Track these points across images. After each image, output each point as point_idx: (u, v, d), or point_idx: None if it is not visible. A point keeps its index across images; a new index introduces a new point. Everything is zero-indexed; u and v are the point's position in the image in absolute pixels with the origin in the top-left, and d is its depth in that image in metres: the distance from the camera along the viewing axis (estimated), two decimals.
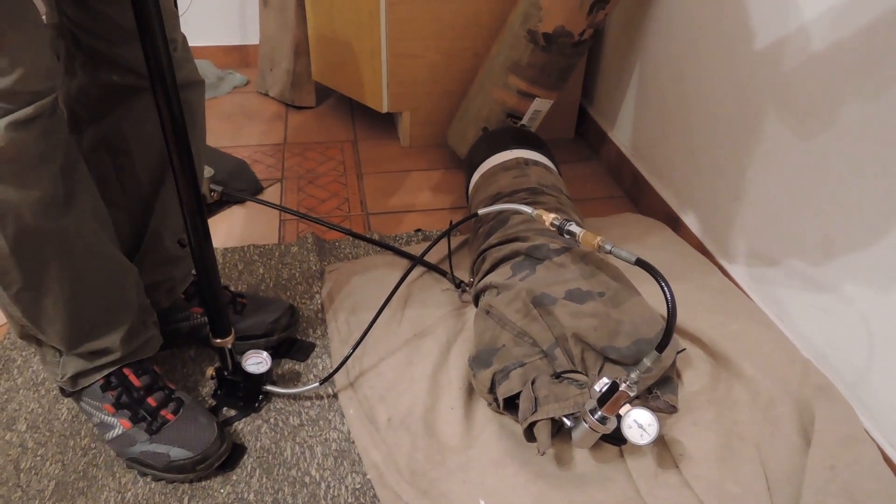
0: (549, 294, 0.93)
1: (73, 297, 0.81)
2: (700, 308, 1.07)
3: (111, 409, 0.88)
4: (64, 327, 0.82)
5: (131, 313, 0.88)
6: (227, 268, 1.29)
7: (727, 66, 1.19)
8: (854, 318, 0.93)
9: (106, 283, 0.84)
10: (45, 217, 0.73)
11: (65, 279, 0.79)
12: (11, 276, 0.76)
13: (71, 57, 0.84)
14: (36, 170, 0.70)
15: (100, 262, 0.83)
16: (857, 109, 0.91)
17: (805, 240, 1.02)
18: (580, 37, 1.37)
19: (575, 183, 1.65)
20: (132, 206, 0.93)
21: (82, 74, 0.85)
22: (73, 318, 0.82)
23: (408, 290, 1.20)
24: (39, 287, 0.78)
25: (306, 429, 0.96)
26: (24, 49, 0.64)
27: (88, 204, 0.80)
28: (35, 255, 0.75)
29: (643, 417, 0.77)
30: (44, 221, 0.73)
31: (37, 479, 0.88)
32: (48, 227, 0.74)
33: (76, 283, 0.80)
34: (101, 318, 0.85)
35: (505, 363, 0.89)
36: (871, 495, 0.79)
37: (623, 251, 0.82)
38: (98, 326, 0.85)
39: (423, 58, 1.64)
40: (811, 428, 0.86)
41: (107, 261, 0.84)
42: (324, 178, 1.65)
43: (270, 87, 2.06)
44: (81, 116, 0.87)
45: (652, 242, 1.32)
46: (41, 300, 0.79)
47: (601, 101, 1.78)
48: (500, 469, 0.86)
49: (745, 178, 1.16)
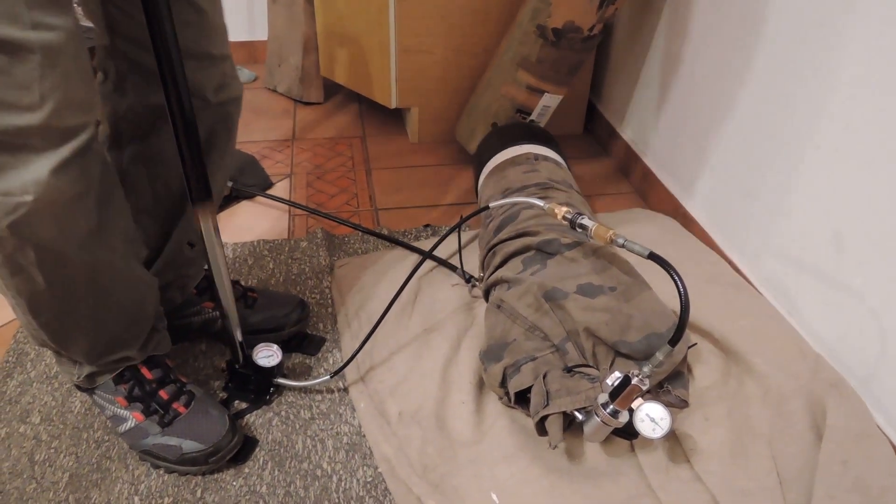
0: (561, 288, 0.93)
1: (100, 321, 0.82)
2: (710, 303, 1.06)
3: (124, 403, 0.88)
4: (88, 347, 0.84)
5: (149, 324, 0.89)
6: (238, 262, 1.30)
7: (736, 62, 1.19)
8: (865, 312, 0.93)
9: (130, 303, 0.85)
10: (81, 251, 0.74)
11: (94, 305, 0.80)
12: (43, 307, 0.77)
13: (122, 78, 0.84)
14: (73, 209, 0.70)
15: (127, 285, 0.84)
16: (868, 104, 0.90)
17: (815, 234, 1.02)
18: (589, 32, 1.37)
19: (584, 178, 1.64)
20: (161, 213, 0.94)
21: (133, 95, 0.85)
22: (98, 338, 0.84)
23: (418, 285, 1.20)
24: (69, 314, 0.79)
25: (317, 422, 0.96)
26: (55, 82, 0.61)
27: (120, 229, 0.80)
28: (69, 286, 0.76)
29: (655, 411, 0.77)
30: (80, 255, 0.74)
31: (51, 471, 0.89)
32: (83, 259, 0.75)
33: (104, 308, 0.81)
34: (123, 334, 0.86)
35: (516, 357, 0.89)
36: (883, 490, 0.79)
37: (636, 245, 0.82)
38: (120, 342, 0.86)
39: (432, 53, 1.64)
40: (823, 423, 0.86)
41: (133, 282, 0.85)
42: (332, 173, 1.66)
43: (279, 82, 2.06)
44: (126, 134, 0.88)
45: (661, 238, 1.31)
46: (69, 326, 0.81)
47: (610, 96, 1.78)
48: (511, 463, 0.86)
49: (756, 173, 1.15)
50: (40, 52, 0.59)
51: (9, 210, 0.64)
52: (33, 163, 0.63)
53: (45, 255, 0.70)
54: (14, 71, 0.59)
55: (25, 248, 0.68)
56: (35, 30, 0.58)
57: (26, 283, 0.73)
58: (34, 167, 0.63)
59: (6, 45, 0.58)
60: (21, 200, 0.63)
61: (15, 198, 0.63)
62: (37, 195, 0.64)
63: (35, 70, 0.59)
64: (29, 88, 0.60)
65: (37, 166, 0.63)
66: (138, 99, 0.86)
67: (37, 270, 0.71)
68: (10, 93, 0.59)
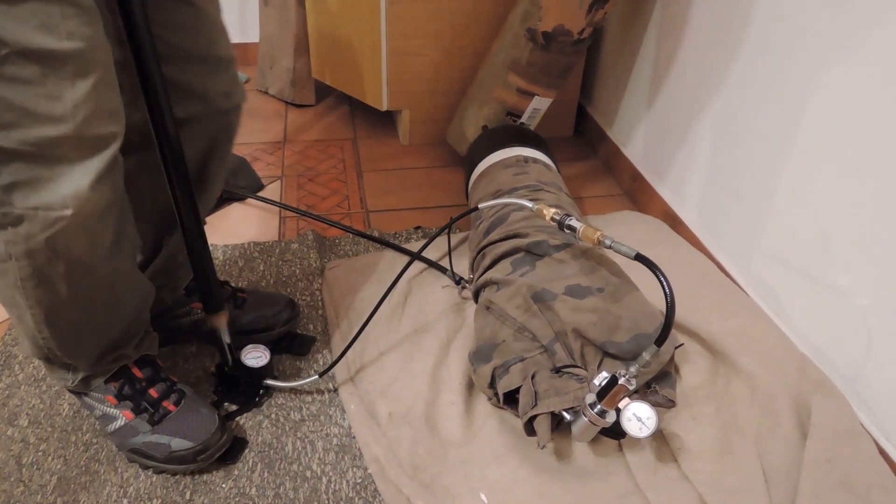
0: (550, 290, 0.93)
1: (107, 328, 0.83)
2: (698, 304, 1.07)
3: (113, 401, 0.88)
4: (94, 355, 0.85)
5: (144, 327, 0.90)
6: (228, 265, 1.30)
7: (725, 65, 1.20)
8: (851, 312, 0.94)
9: (133, 309, 0.86)
10: (103, 262, 0.74)
11: (106, 313, 0.81)
12: (61, 318, 0.77)
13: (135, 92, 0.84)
14: (103, 221, 0.71)
15: (132, 293, 0.85)
16: (855, 106, 0.92)
17: (803, 235, 1.03)
18: (579, 35, 1.38)
19: (574, 181, 1.65)
20: (159, 220, 0.95)
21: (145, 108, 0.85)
22: (102, 345, 0.85)
23: (408, 287, 1.20)
24: (82, 324, 0.80)
25: (307, 424, 0.96)
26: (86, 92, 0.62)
27: (130, 238, 0.81)
28: (88, 297, 0.77)
29: (642, 411, 0.78)
30: (102, 266, 0.75)
31: (39, 473, 0.88)
32: (104, 270, 0.76)
33: (112, 315, 0.82)
34: (123, 338, 0.87)
35: (505, 358, 0.90)
36: (868, 488, 0.80)
37: (623, 246, 0.83)
38: (119, 345, 0.87)
39: (424, 56, 1.65)
40: (808, 422, 0.87)
41: (137, 289, 0.86)
42: (324, 175, 1.66)
43: (270, 84, 2.06)
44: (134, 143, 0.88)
45: (650, 239, 1.32)
46: (81, 334, 0.81)
47: (600, 99, 1.79)
48: (500, 463, 0.87)
49: (743, 175, 1.16)
50: (72, 62, 0.60)
51: (48, 224, 0.64)
52: (69, 175, 0.63)
53: (74, 268, 0.71)
54: (47, 82, 0.59)
55: (57, 261, 0.69)
56: (69, 39, 0.59)
57: (49, 294, 0.73)
58: (71, 180, 0.63)
59: (42, 55, 0.58)
60: (61, 215, 0.64)
61: (55, 212, 0.64)
62: (76, 209, 0.64)
63: (67, 80, 0.60)
64: (60, 99, 0.60)
65: (74, 179, 0.64)
66: None
67: (63, 282, 0.72)
68: (42, 103, 0.60)
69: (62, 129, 0.61)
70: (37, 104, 0.60)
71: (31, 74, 0.59)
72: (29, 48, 0.57)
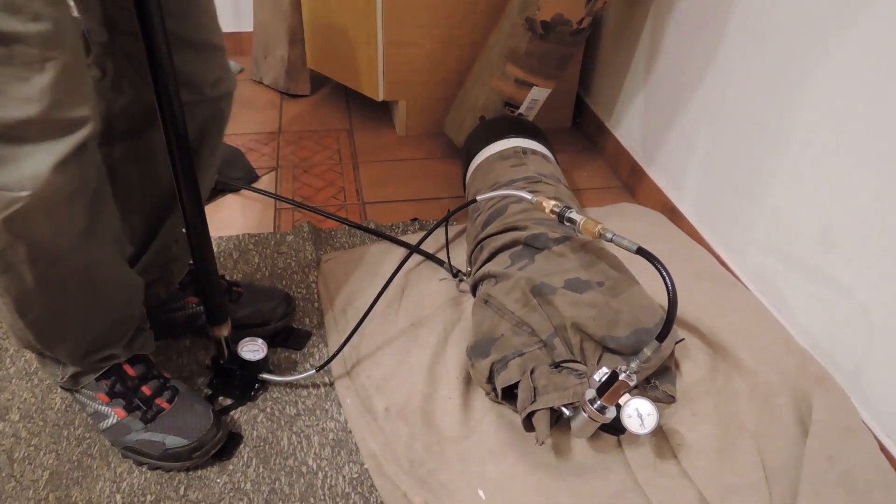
0: (549, 283, 0.92)
1: (88, 321, 0.81)
2: (698, 298, 1.06)
3: (105, 399, 0.87)
4: (74, 348, 0.83)
5: (135, 324, 0.89)
6: (223, 257, 1.28)
7: (725, 56, 1.18)
8: (853, 308, 0.93)
9: (117, 303, 0.84)
10: (73, 251, 0.73)
11: (83, 305, 0.79)
12: (31, 307, 0.76)
13: (120, 75, 0.83)
14: (69, 207, 0.69)
15: (114, 286, 0.83)
16: (857, 100, 0.90)
17: (804, 230, 1.02)
18: (578, 25, 1.36)
19: (572, 172, 1.64)
20: (149, 211, 0.93)
21: (130, 92, 0.84)
22: (84, 339, 0.83)
23: (405, 280, 1.19)
24: (58, 315, 0.78)
25: (303, 418, 0.95)
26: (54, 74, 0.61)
27: (110, 228, 0.79)
28: (59, 286, 0.75)
29: (643, 407, 0.77)
30: (71, 255, 0.73)
31: (31, 469, 0.87)
32: (75, 259, 0.74)
33: (92, 308, 0.81)
34: (109, 333, 0.85)
35: (504, 353, 0.89)
36: (869, 485, 0.79)
37: (624, 239, 0.82)
38: (105, 341, 0.85)
39: (420, 46, 1.63)
40: (809, 418, 0.86)
41: (120, 282, 0.84)
42: (319, 166, 1.64)
43: (265, 74, 2.04)
44: (118, 131, 0.86)
45: (649, 232, 1.31)
46: (57, 326, 0.80)
47: (599, 90, 1.77)
48: (498, 459, 0.86)
49: (744, 168, 1.15)
50: (39, 44, 0.59)
51: (4, 205, 0.63)
52: (32, 157, 0.62)
53: (37, 254, 0.69)
54: (14, 63, 0.58)
55: (17, 245, 0.67)
56: (35, 21, 0.58)
57: (15, 282, 0.71)
58: (33, 162, 0.62)
59: (7, 37, 0.57)
60: (17, 196, 0.62)
61: (11, 193, 0.62)
62: (34, 191, 0.63)
63: (35, 62, 0.59)
64: (28, 80, 0.59)
65: (36, 161, 0.62)
66: (135, 96, 0.84)
67: (27, 269, 0.70)
68: (9, 85, 0.59)
69: (29, 111, 0.60)
70: (4, 86, 0.59)
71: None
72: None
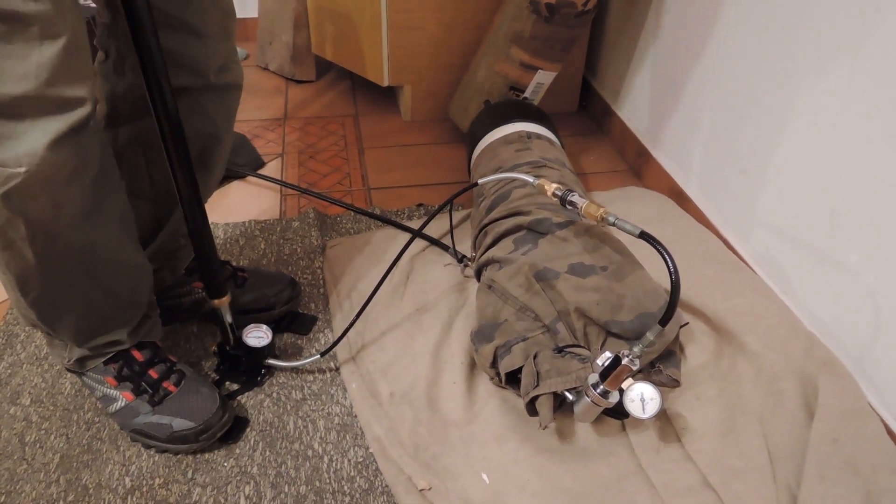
0: (552, 268, 0.92)
1: (90, 302, 0.82)
2: (704, 282, 1.06)
3: (113, 382, 0.88)
4: (77, 328, 0.84)
5: (142, 310, 0.89)
6: (229, 243, 1.29)
7: (732, 38, 1.17)
8: (860, 291, 0.92)
9: (123, 286, 0.85)
10: (73, 230, 0.73)
11: (84, 286, 0.80)
12: (32, 285, 0.76)
13: (122, 57, 0.83)
14: (68, 186, 0.70)
15: (119, 268, 0.83)
16: (865, 81, 0.89)
17: (811, 212, 1.01)
18: (584, 7, 1.35)
19: (578, 156, 1.63)
20: (157, 198, 0.94)
21: (132, 75, 0.84)
22: (87, 320, 0.84)
23: (410, 266, 1.19)
24: (59, 294, 0.79)
25: (309, 403, 0.96)
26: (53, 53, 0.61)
27: (116, 210, 0.80)
28: (59, 265, 0.76)
29: (646, 391, 0.77)
30: (72, 234, 0.74)
31: (41, 452, 0.88)
32: (76, 239, 0.75)
33: (95, 289, 0.81)
34: (114, 317, 0.86)
35: (507, 338, 0.89)
36: (874, 469, 0.79)
37: (627, 224, 0.81)
38: (109, 325, 0.86)
39: (424, 30, 1.61)
40: (815, 402, 0.86)
41: (126, 265, 0.85)
42: (325, 152, 1.64)
43: (270, 60, 2.03)
44: (122, 114, 0.86)
45: (655, 216, 1.30)
46: (58, 305, 0.80)
47: (605, 73, 1.75)
48: (502, 443, 0.86)
49: (751, 150, 1.14)
50: (39, 23, 0.59)
51: (2, 181, 0.64)
52: (28, 134, 0.63)
53: (37, 231, 0.70)
54: (13, 40, 0.59)
55: (16, 221, 0.68)
56: (35, 1, 0.58)
57: (16, 259, 0.73)
58: (29, 139, 0.63)
59: (7, 15, 0.58)
60: (13, 171, 0.63)
61: (8, 169, 0.63)
62: (30, 167, 0.64)
63: (34, 41, 0.60)
64: (26, 58, 0.60)
65: (32, 138, 0.63)
66: (137, 80, 0.84)
67: (27, 246, 0.71)
68: (7, 62, 0.59)
69: (25, 87, 0.61)
70: (2, 62, 0.59)
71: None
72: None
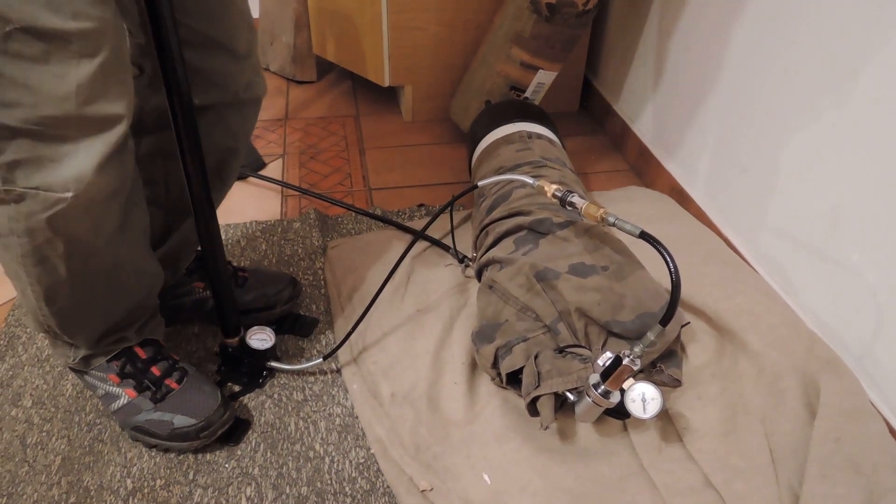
0: (553, 268, 0.92)
1: (110, 310, 0.83)
2: (705, 281, 1.06)
3: (116, 379, 0.88)
4: (92, 334, 0.85)
5: (150, 312, 0.91)
6: (230, 244, 1.29)
7: (733, 37, 1.16)
8: (862, 289, 0.92)
9: (139, 293, 0.86)
10: (107, 246, 0.75)
11: (108, 296, 0.81)
12: (60, 297, 0.77)
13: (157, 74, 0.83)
14: (108, 205, 0.71)
15: (139, 277, 0.85)
16: (867, 79, 0.89)
17: (812, 211, 1.01)
18: (584, 6, 1.34)
19: (579, 156, 1.63)
20: (170, 207, 0.94)
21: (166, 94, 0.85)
22: (104, 326, 0.85)
23: (411, 266, 1.19)
24: (83, 304, 0.80)
25: (310, 404, 0.96)
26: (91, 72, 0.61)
27: (141, 222, 0.81)
28: (88, 279, 0.77)
29: (647, 391, 0.77)
30: (105, 250, 0.75)
31: (43, 454, 0.89)
32: (107, 254, 0.76)
33: (117, 298, 0.83)
34: (126, 319, 0.87)
35: (508, 338, 0.89)
36: (876, 468, 0.79)
37: (627, 224, 0.81)
38: (121, 326, 0.87)
39: (425, 30, 1.61)
40: (817, 401, 0.86)
41: (146, 274, 0.86)
42: (326, 153, 1.64)
43: (271, 61, 2.03)
44: (147, 126, 0.87)
45: (657, 216, 1.30)
46: (81, 314, 0.81)
47: (606, 73, 1.75)
48: (503, 443, 0.86)
49: (753, 149, 1.14)
50: (78, 42, 0.59)
51: (48, 205, 0.64)
52: (73, 157, 0.63)
53: (74, 249, 0.71)
54: (51, 60, 0.59)
55: (56, 241, 0.69)
56: (75, 19, 0.58)
57: (49, 273, 0.73)
58: (74, 163, 0.63)
59: (47, 34, 0.58)
60: (61, 196, 0.64)
61: (56, 194, 0.64)
62: (77, 192, 0.64)
63: (72, 59, 0.60)
64: (65, 78, 0.60)
65: (78, 161, 0.64)
66: None
67: (62, 262, 0.72)
68: (46, 82, 0.60)
69: (65, 108, 0.61)
70: (41, 82, 0.59)
71: (36, 52, 0.58)
72: (34, 26, 0.57)
